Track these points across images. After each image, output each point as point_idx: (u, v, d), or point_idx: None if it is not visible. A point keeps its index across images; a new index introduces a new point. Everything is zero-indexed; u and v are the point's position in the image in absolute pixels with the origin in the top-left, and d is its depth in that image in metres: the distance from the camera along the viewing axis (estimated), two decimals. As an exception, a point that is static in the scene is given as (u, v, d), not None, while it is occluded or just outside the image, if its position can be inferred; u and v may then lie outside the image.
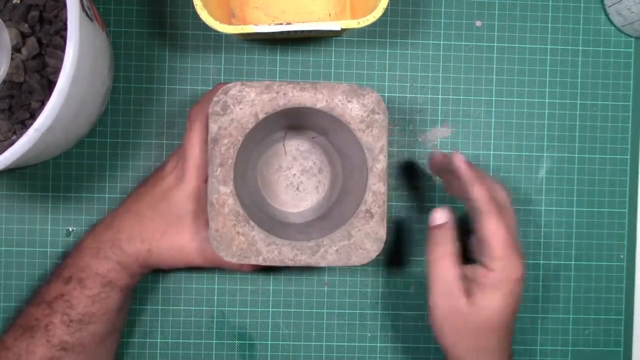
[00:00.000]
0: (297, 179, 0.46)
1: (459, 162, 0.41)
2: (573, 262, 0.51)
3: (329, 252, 0.40)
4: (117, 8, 0.49)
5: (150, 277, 0.49)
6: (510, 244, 0.39)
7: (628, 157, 0.51)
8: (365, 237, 0.40)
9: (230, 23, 0.46)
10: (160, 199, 0.43)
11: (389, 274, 0.50)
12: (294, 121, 0.43)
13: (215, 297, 0.49)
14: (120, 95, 0.49)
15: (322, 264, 0.40)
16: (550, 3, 0.50)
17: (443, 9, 0.50)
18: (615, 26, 0.51)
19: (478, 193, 0.40)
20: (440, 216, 0.42)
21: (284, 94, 0.40)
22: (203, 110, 0.42)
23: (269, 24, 0.40)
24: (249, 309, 0.50)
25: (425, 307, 0.50)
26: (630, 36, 0.51)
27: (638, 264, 0.51)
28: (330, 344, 0.50)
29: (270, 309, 0.50)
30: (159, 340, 0.49)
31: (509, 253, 0.39)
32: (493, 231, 0.39)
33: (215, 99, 0.39)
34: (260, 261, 0.40)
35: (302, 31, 0.41)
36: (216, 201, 0.39)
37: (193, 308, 0.49)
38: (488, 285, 0.40)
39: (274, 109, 0.40)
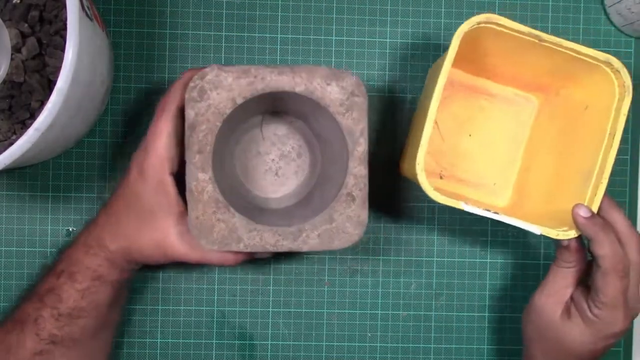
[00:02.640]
0: (276, 164, 0.45)
1: (576, 215, 0.41)
2: (573, 262, 0.51)
3: (311, 236, 0.39)
4: (117, 8, 0.49)
5: (150, 277, 0.49)
6: (621, 300, 0.40)
7: (628, 157, 0.51)
8: (347, 221, 0.40)
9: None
10: (130, 196, 0.42)
11: (389, 273, 0.50)
12: (272, 106, 0.42)
13: (215, 297, 0.49)
14: (120, 95, 0.49)
15: (305, 248, 0.39)
16: (550, 3, 0.50)
17: (443, 9, 0.50)
18: (615, 26, 0.51)
19: (598, 251, 0.40)
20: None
21: (261, 78, 0.39)
22: (171, 100, 0.41)
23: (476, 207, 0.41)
24: (249, 309, 0.50)
25: (423, 307, 0.50)
26: (630, 36, 0.51)
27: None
28: (330, 344, 0.50)
29: (270, 309, 0.50)
30: (159, 340, 0.49)
31: (616, 306, 0.40)
32: (607, 283, 0.40)
33: (191, 84, 0.38)
34: (241, 248, 0.39)
35: None
36: (195, 188, 0.39)
37: (193, 308, 0.49)
38: (585, 320, 0.41)
39: (252, 94, 0.39)
